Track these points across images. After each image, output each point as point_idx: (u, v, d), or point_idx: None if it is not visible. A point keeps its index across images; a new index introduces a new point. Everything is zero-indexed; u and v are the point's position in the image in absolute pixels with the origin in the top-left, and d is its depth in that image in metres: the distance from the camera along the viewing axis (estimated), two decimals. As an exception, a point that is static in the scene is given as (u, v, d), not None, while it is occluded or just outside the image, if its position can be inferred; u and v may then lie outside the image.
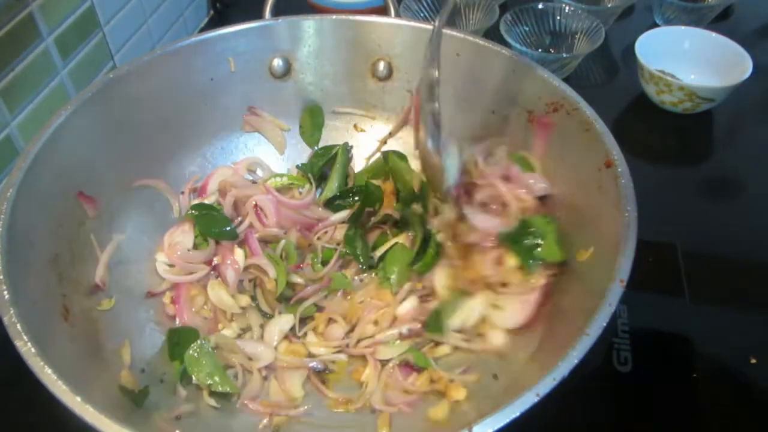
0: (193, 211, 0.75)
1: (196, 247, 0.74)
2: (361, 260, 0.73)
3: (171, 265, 0.73)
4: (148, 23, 1.02)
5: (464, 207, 0.70)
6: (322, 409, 0.63)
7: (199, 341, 0.64)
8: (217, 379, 0.62)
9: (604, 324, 0.50)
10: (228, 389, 0.62)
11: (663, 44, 1.03)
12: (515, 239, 0.66)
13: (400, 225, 0.76)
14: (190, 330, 0.67)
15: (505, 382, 0.60)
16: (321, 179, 0.83)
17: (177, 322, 0.69)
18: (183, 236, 0.74)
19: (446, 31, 0.77)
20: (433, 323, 0.66)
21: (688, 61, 1.03)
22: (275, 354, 0.66)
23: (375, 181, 0.79)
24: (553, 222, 0.66)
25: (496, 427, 0.45)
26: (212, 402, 0.62)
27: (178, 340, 0.65)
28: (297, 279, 0.72)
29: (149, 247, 0.74)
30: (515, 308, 0.64)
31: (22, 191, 0.59)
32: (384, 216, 0.77)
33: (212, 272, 0.73)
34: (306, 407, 0.63)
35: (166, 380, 0.64)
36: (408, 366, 0.65)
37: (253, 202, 0.75)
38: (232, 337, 0.68)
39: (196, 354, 0.64)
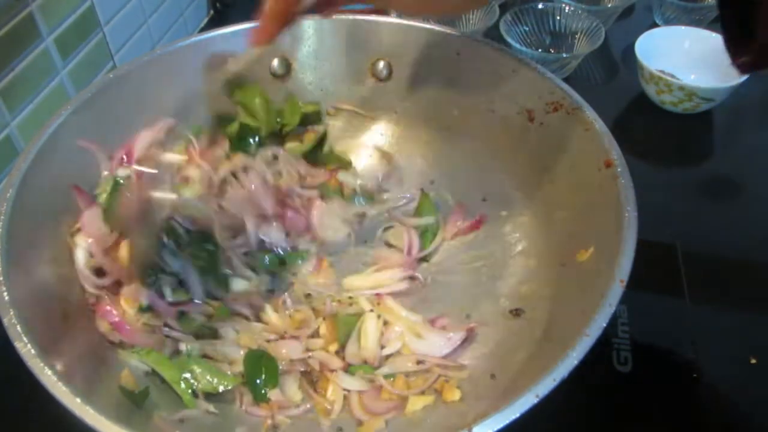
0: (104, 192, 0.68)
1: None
2: None
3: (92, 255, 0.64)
4: (148, 23, 1.02)
5: None
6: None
7: (182, 356, 0.64)
8: (209, 377, 0.62)
9: (604, 324, 0.50)
10: (225, 384, 0.62)
11: (663, 44, 1.03)
12: None
13: None
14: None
15: (504, 383, 0.60)
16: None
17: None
18: (99, 223, 0.65)
19: (446, 30, 0.77)
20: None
21: (688, 61, 1.03)
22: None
23: None
24: None
25: (495, 428, 0.45)
26: (211, 407, 0.62)
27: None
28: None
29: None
30: (437, 341, 0.65)
31: (22, 191, 0.59)
32: None
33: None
34: (308, 405, 0.62)
35: (167, 380, 0.64)
36: None
37: None
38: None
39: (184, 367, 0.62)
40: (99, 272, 0.64)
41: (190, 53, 0.77)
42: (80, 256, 0.64)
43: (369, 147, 0.86)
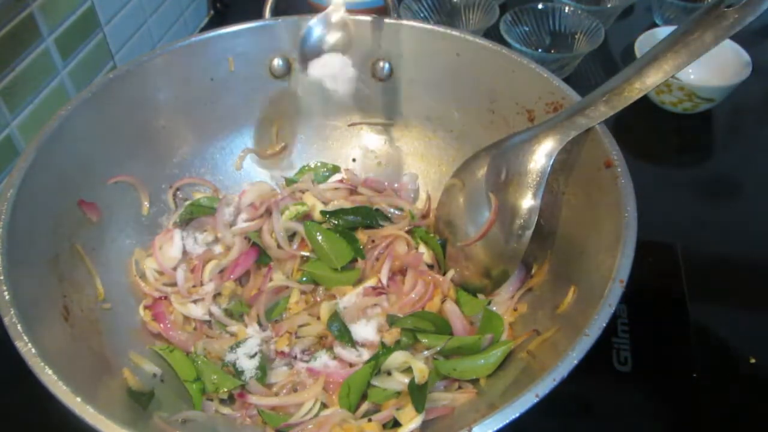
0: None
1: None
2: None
3: (160, 273, 0.73)
4: (148, 23, 1.02)
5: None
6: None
7: (191, 355, 0.66)
8: (215, 378, 0.63)
9: (604, 324, 0.50)
10: (227, 386, 0.63)
11: (663, 44, 1.03)
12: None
13: None
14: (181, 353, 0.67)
15: (504, 383, 0.60)
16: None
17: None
18: (171, 245, 0.74)
19: (446, 30, 0.77)
20: None
21: (688, 61, 1.03)
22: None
23: None
24: None
25: (495, 428, 0.45)
26: (224, 410, 0.63)
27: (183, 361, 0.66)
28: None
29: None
30: None
31: (22, 191, 0.59)
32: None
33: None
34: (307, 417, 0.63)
35: (167, 380, 0.64)
36: None
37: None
38: (219, 346, 0.67)
39: (197, 365, 0.64)
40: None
41: (190, 53, 0.77)
42: (149, 273, 0.73)
43: (368, 149, 0.86)
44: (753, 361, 0.71)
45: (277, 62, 0.81)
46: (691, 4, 1.13)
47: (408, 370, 0.62)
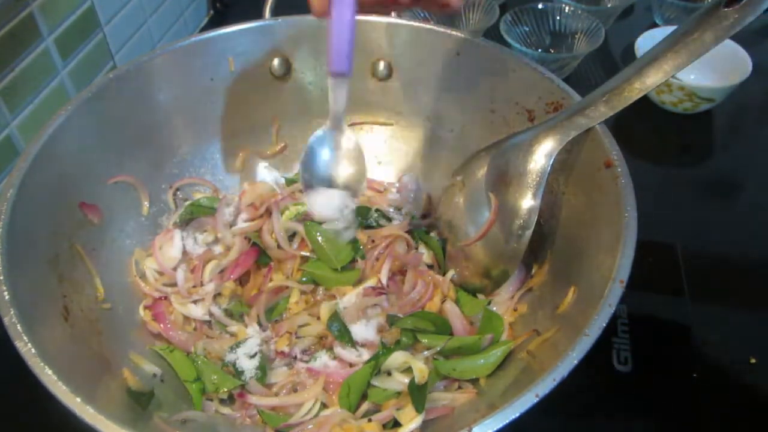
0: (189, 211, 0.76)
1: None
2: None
3: (160, 273, 0.73)
4: (148, 23, 1.02)
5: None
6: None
7: (191, 355, 0.66)
8: (215, 378, 0.63)
9: (604, 324, 0.50)
10: (228, 385, 0.63)
11: (663, 44, 1.03)
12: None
13: None
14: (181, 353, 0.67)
15: (504, 383, 0.60)
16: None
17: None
18: (171, 245, 0.74)
19: (446, 30, 0.77)
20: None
21: (688, 61, 1.03)
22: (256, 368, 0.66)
23: None
24: None
25: (495, 428, 0.45)
26: (224, 410, 0.63)
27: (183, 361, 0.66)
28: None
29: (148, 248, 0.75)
30: None
31: (22, 191, 0.59)
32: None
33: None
34: (312, 409, 0.63)
35: (167, 380, 0.64)
36: None
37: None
38: (219, 346, 0.67)
39: (198, 365, 0.65)
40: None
41: (190, 53, 0.77)
42: (149, 273, 0.73)
43: (368, 149, 0.86)
44: (753, 361, 0.71)
45: (277, 62, 0.81)
46: (691, 4, 1.14)
47: (408, 370, 0.62)
